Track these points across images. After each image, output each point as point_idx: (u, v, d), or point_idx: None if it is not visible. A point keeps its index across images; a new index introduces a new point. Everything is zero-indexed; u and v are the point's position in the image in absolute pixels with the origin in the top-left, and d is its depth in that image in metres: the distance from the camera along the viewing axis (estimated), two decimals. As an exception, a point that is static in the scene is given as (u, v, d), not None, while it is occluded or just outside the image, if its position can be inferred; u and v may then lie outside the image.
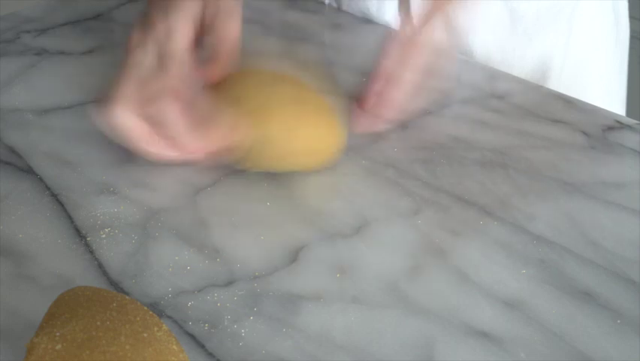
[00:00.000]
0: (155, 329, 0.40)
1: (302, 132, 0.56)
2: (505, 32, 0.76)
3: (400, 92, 0.59)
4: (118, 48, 0.75)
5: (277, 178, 0.58)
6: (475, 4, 0.62)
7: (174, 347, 0.40)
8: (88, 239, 0.53)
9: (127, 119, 0.55)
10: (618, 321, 0.47)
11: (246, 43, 0.61)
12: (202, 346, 0.45)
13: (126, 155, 0.60)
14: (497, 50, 0.77)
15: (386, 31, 0.61)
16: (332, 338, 0.46)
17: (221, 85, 0.59)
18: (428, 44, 0.59)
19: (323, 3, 0.83)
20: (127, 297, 0.42)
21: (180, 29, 0.56)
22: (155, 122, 0.55)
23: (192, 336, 0.46)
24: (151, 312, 0.41)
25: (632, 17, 0.86)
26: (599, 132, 0.64)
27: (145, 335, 0.39)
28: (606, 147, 0.63)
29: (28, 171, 0.59)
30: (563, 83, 0.77)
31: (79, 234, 0.53)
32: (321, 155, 0.58)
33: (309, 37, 0.77)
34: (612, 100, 0.82)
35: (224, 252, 0.52)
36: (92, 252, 0.52)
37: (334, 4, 0.83)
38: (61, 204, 0.56)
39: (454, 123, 0.65)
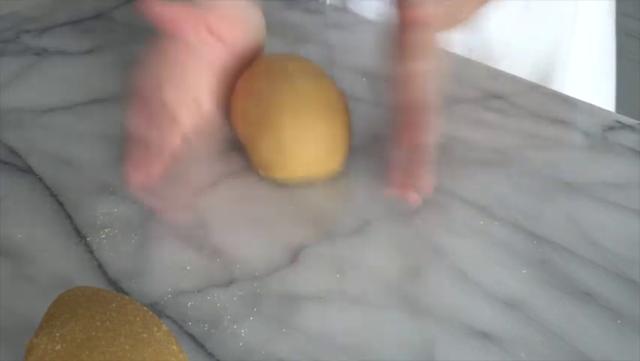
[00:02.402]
0: (155, 329, 0.40)
1: (313, 143, 0.56)
2: (519, 14, 0.77)
3: (428, 155, 0.54)
4: (117, 48, 0.75)
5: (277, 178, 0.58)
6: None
7: (174, 347, 0.40)
8: (87, 239, 0.52)
9: None
10: (618, 321, 0.47)
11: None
12: (202, 346, 0.45)
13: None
14: (513, 33, 0.77)
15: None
16: (332, 338, 0.46)
17: (246, 78, 0.59)
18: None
19: (324, 3, 0.83)
20: (126, 297, 0.42)
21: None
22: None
23: (192, 336, 0.46)
24: (151, 312, 0.41)
25: (632, 17, 0.86)
26: (599, 132, 0.64)
27: (145, 335, 0.39)
28: (606, 146, 0.63)
29: (28, 171, 0.59)
30: (571, 67, 0.79)
31: (78, 234, 0.53)
32: (331, 165, 0.58)
33: (309, 37, 0.77)
34: (608, 84, 0.84)
35: (224, 252, 0.52)
36: (91, 252, 0.51)
37: (339, 4, 0.83)
38: (60, 204, 0.55)
39: (454, 123, 0.64)
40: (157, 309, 0.47)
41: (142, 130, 0.55)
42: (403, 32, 0.54)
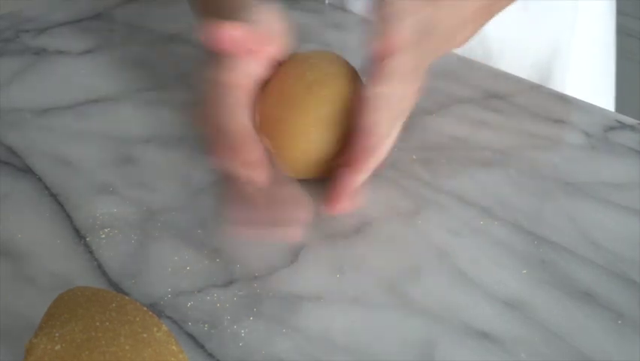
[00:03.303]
0: (155, 329, 0.40)
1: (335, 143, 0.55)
2: (518, 14, 0.77)
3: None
4: (117, 48, 0.75)
5: (277, 178, 0.58)
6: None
7: (174, 347, 0.40)
8: (87, 239, 0.52)
9: None
10: (619, 321, 0.47)
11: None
12: (202, 346, 0.45)
13: (126, 155, 0.60)
14: (512, 33, 0.77)
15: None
16: (332, 338, 0.46)
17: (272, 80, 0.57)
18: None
19: (323, 3, 0.83)
20: (126, 297, 0.42)
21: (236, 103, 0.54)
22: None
23: (192, 336, 0.46)
24: (150, 312, 0.41)
25: (632, 17, 0.86)
26: (599, 132, 0.64)
27: (144, 335, 0.39)
28: (607, 146, 0.63)
29: (27, 171, 0.59)
30: (571, 67, 0.79)
31: (78, 234, 0.53)
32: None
33: (309, 37, 0.77)
34: (608, 84, 0.84)
35: (224, 252, 0.52)
36: (91, 252, 0.51)
37: (339, 4, 0.83)
38: (60, 204, 0.55)
39: (454, 123, 0.65)
40: (157, 309, 0.47)
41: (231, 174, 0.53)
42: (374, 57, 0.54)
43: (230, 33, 0.54)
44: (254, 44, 0.55)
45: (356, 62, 0.70)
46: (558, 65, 0.79)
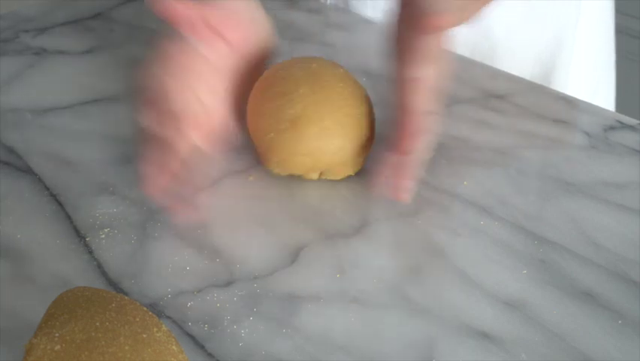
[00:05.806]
0: (155, 329, 0.40)
1: (336, 145, 0.55)
2: (522, 12, 0.77)
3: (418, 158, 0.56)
4: (117, 48, 0.75)
5: (277, 178, 0.58)
6: None
7: (174, 347, 0.40)
8: (87, 239, 0.52)
9: None
10: (619, 321, 0.47)
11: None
12: (202, 346, 0.45)
13: (126, 155, 0.60)
14: (516, 32, 0.77)
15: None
16: (332, 338, 0.46)
17: (267, 79, 0.58)
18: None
19: (324, 3, 0.83)
20: (126, 297, 0.42)
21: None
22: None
23: (192, 337, 0.46)
24: (150, 313, 0.41)
25: (632, 17, 0.86)
26: (600, 132, 0.64)
27: (144, 335, 0.39)
28: (607, 146, 0.63)
29: (27, 171, 0.59)
30: (573, 66, 0.80)
31: (78, 234, 0.53)
32: (350, 168, 0.58)
33: (309, 37, 0.77)
34: (608, 84, 0.84)
35: (224, 252, 0.52)
36: (91, 252, 0.51)
37: (340, 4, 0.83)
38: (60, 204, 0.55)
39: (454, 123, 0.64)
40: (157, 309, 0.47)
41: (154, 132, 0.54)
42: (410, 37, 0.53)
43: (175, 6, 0.54)
44: (210, 26, 0.55)
45: (356, 62, 0.70)
46: (560, 63, 0.80)
